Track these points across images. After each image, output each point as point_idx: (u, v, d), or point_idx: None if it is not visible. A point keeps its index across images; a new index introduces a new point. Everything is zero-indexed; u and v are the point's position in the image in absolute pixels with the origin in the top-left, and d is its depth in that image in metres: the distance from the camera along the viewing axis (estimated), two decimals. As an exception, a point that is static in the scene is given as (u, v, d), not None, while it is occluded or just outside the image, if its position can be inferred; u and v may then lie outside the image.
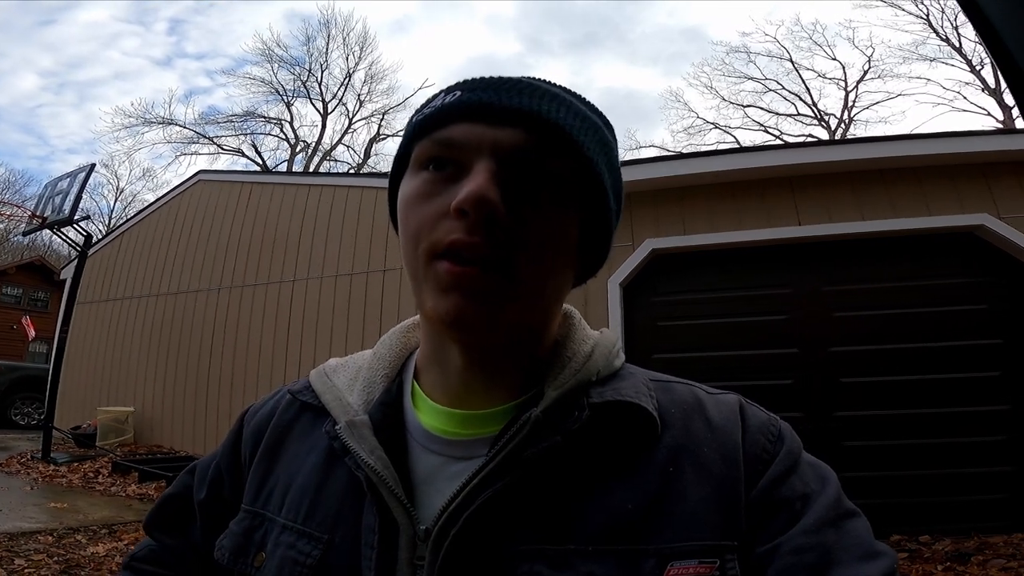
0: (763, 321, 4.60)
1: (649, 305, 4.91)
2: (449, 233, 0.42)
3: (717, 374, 4.56)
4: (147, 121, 26.12)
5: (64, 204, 7.85)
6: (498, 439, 0.44)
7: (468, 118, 0.44)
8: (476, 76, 0.48)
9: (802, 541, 0.41)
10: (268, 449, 0.54)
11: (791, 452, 0.46)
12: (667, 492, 0.43)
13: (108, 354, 8.35)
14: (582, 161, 0.45)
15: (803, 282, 4.59)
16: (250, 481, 0.53)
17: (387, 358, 0.54)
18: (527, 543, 0.42)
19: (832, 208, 4.53)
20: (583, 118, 0.47)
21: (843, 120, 22.13)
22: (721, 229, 4.74)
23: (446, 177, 0.44)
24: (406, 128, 0.50)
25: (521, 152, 0.43)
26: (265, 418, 0.56)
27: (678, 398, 0.49)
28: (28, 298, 21.73)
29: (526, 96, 0.45)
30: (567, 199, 0.45)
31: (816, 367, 4.41)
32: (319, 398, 0.53)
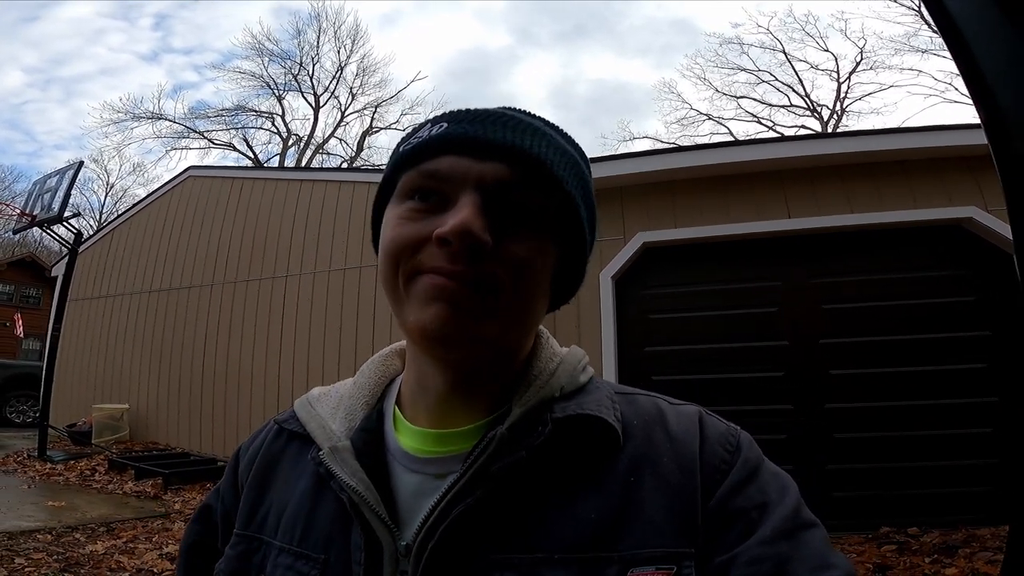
0: (754, 314, 4.64)
1: (641, 298, 4.94)
2: (431, 259, 0.43)
3: (708, 367, 4.61)
4: (136, 116, 25.83)
5: (53, 202, 7.79)
6: (468, 456, 0.46)
7: (454, 151, 0.46)
8: (461, 108, 0.50)
9: (758, 552, 0.42)
10: (258, 476, 0.56)
11: (748, 461, 0.47)
12: (628, 501, 0.45)
13: (102, 351, 8.32)
14: (561, 195, 0.48)
15: (793, 275, 4.62)
16: (242, 507, 0.55)
17: (367, 387, 0.57)
18: (497, 553, 0.44)
19: (821, 201, 4.56)
20: (563, 152, 0.49)
21: (835, 111, 22.20)
22: (712, 222, 4.76)
23: (431, 207, 0.46)
24: (392, 156, 0.52)
25: (504, 186, 0.45)
26: (255, 450, 0.59)
27: (640, 409, 0.51)
28: (20, 295, 21.57)
29: (510, 130, 0.47)
30: (546, 231, 0.47)
31: (806, 359, 4.45)
32: (304, 427, 0.55)
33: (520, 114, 0.50)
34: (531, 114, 0.52)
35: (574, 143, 0.53)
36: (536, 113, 0.52)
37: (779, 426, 4.36)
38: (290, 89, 26.65)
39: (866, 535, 3.85)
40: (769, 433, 4.33)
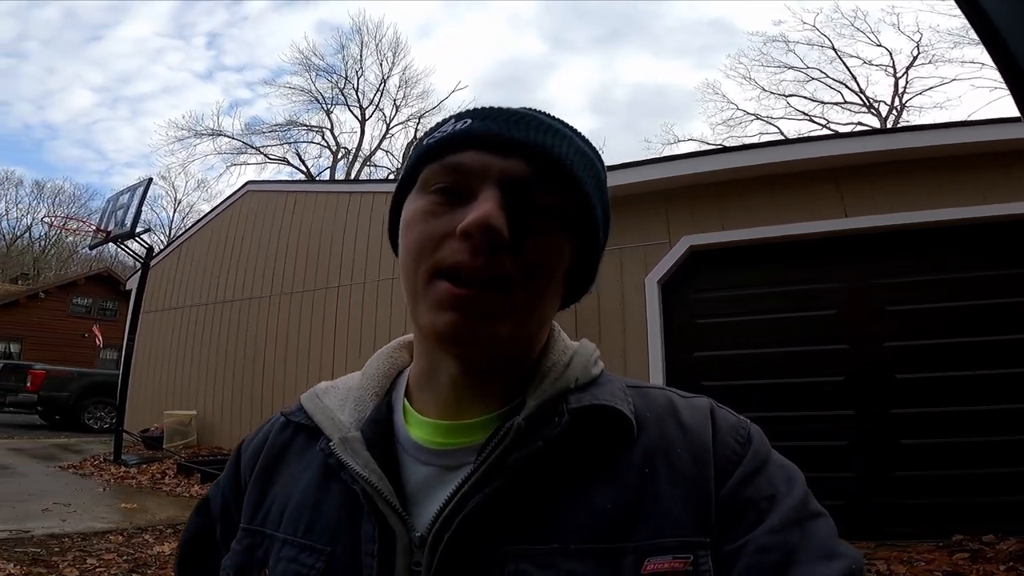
0: (810, 317, 4.46)
1: (688, 303, 4.84)
2: (453, 254, 0.44)
3: (762, 371, 4.47)
4: (198, 133, 27.29)
5: (126, 218, 8.29)
6: (484, 447, 0.46)
7: (477, 146, 0.47)
8: (486, 105, 0.51)
9: (766, 540, 0.42)
10: (263, 470, 0.56)
11: (758, 453, 0.48)
12: (643, 492, 0.45)
13: (171, 360, 8.81)
14: (578, 195, 0.49)
15: (853, 276, 4.42)
16: (247, 501, 0.55)
17: (375, 378, 0.57)
18: (514, 544, 0.44)
19: (880, 199, 4.35)
20: (581, 154, 0.50)
21: (894, 107, 21.21)
22: (762, 223, 4.62)
23: (452, 201, 0.46)
24: (414, 149, 0.52)
25: (525, 182, 0.46)
26: (259, 443, 0.59)
27: (652, 402, 0.51)
28: (98, 307, 23.10)
29: (532, 129, 0.48)
30: (563, 228, 0.48)
31: (868, 363, 4.24)
32: (311, 418, 0.55)
33: (542, 115, 0.51)
34: (552, 116, 0.53)
35: (591, 145, 0.54)
36: (556, 115, 0.53)
37: (840, 432, 4.17)
38: (337, 103, 27.54)
39: (937, 543, 3.65)
40: (829, 439, 4.16)
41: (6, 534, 3.83)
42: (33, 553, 3.47)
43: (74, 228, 11.60)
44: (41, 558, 3.42)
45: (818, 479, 3.54)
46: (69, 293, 23.01)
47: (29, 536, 3.84)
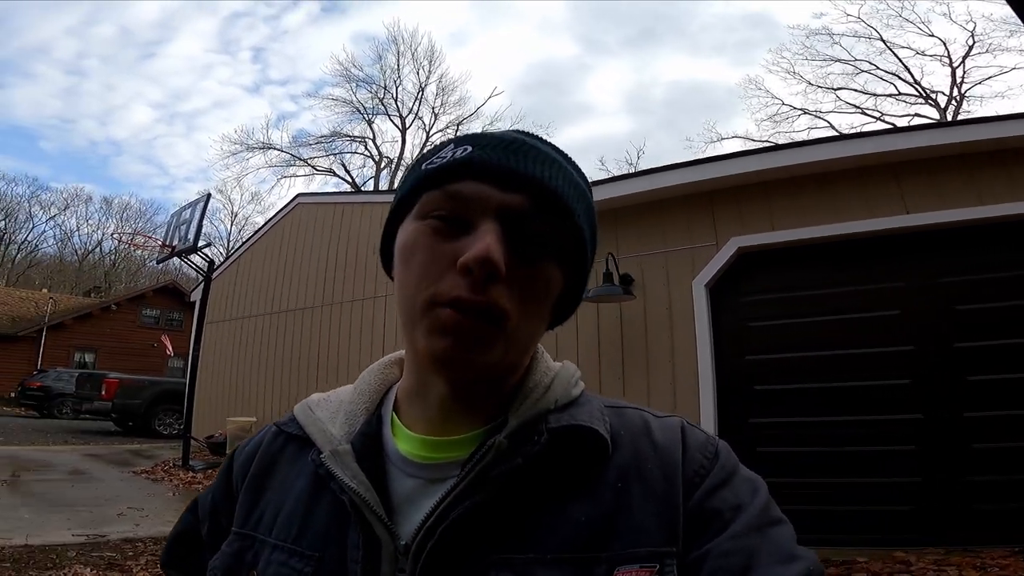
0: (871, 317, 4.27)
1: (738, 306, 4.70)
2: (453, 288, 0.45)
3: (819, 375, 4.30)
4: (249, 147, 28.42)
5: (188, 233, 8.72)
6: (467, 462, 0.48)
7: (477, 176, 0.48)
8: (482, 132, 0.53)
9: (729, 546, 0.44)
10: (256, 477, 0.58)
11: (724, 467, 0.50)
12: (616, 506, 0.47)
13: (233, 369, 9.21)
14: (572, 226, 0.50)
15: (916, 274, 4.20)
16: (239, 506, 0.58)
17: (367, 393, 0.59)
18: (494, 553, 0.46)
19: (944, 194, 4.11)
20: (574, 185, 0.52)
21: (953, 97, 20.10)
22: (815, 223, 4.44)
23: (450, 229, 0.48)
24: (411, 172, 0.54)
25: (522, 215, 0.48)
26: (252, 451, 0.61)
27: (628, 421, 0.53)
28: (165, 318, 24.42)
29: (531, 160, 0.49)
30: (556, 258, 0.50)
31: (937, 365, 4.02)
32: (303, 429, 0.57)
33: (538, 143, 0.53)
34: (546, 142, 0.54)
35: (581, 172, 0.56)
36: (548, 140, 0.55)
37: (906, 436, 3.98)
38: (378, 113, 28.12)
39: (1012, 548, 3.44)
40: (894, 444, 3.98)
41: (84, 538, 4.07)
42: (109, 557, 3.68)
43: (141, 243, 12.29)
44: (116, 562, 3.62)
45: (883, 484, 3.36)
46: (138, 305, 24.43)
47: (105, 540, 4.07)
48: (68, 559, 3.56)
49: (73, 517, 4.65)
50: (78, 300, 26.61)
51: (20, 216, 37.43)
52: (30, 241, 38.25)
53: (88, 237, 40.27)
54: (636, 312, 5.03)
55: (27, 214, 37.78)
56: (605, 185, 5.44)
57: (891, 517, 3.87)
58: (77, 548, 3.81)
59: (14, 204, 37.03)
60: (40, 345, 21.74)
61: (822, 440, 4.20)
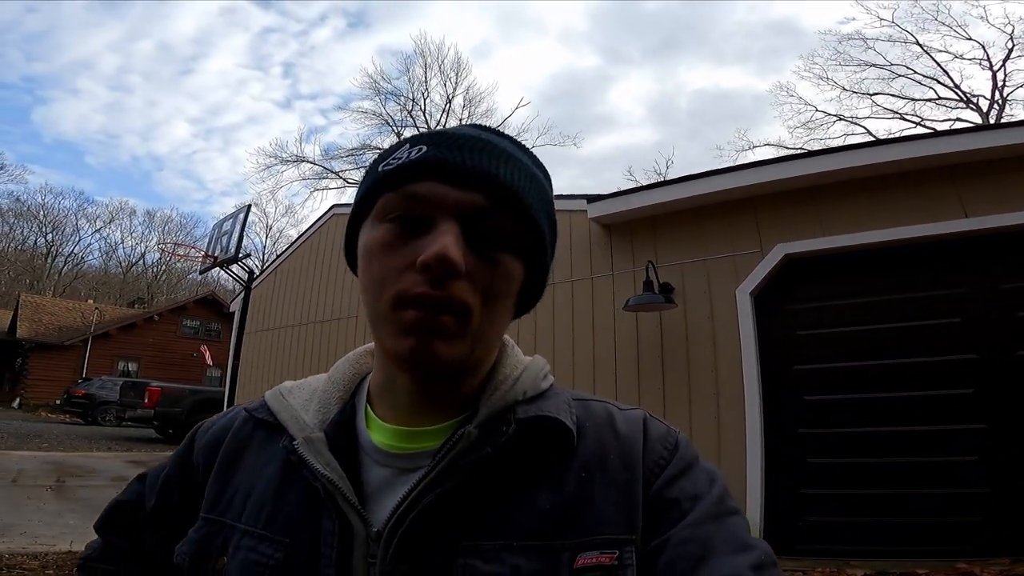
0: (930, 325, 4.09)
1: (786, 314, 4.57)
2: (414, 286, 0.46)
3: (874, 385, 4.14)
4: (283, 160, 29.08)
5: (229, 244, 8.95)
6: (438, 451, 0.49)
7: (433, 175, 0.48)
8: (437, 130, 0.54)
9: (686, 534, 0.46)
10: (225, 462, 0.58)
11: (683, 458, 0.52)
12: (580, 495, 0.49)
13: (270, 378, 9.35)
14: (529, 220, 0.51)
15: (977, 281, 4.02)
16: (208, 491, 0.57)
17: (340, 382, 0.60)
18: (464, 540, 0.47)
19: (1005, 196, 3.93)
20: (531, 178, 0.52)
21: (995, 101, 19.45)
22: (867, 227, 4.30)
23: (409, 230, 0.48)
24: (368, 174, 0.54)
25: (480, 212, 0.48)
26: (218, 433, 0.61)
27: (592, 413, 0.55)
28: (204, 329, 25.06)
29: (486, 156, 0.50)
30: (515, 252, 0.50)
31: (1002, 374, 3.83)
32: (275, 416, 0.57)
33: (494, 137, 0.53)
34: (502, 134, 0.55)
35: (539, 163, 0.56)
36: (504, 132, 0.55)
37: (970, 447, 3.79)
38: (406, 125, 28.50)
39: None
40: (957, 455, 3.81)
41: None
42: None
43: (183, 255, 12.65)
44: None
45: (944, 495, 3.19)
46: (179, 316, 25.15)
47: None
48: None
49: (119, 521, 4.73)
50: (122, 311, 27.52)
51: (67, 229, 39.11)
52: (76, 254, 39.88)
53: (132, 250, 41.82)
54: (677, 321, 4.93)
55: (74, 227, 39.46)
56: (641, 193, 5.39)
57: (955, 528, 3.69)
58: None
59: (61, 217, 38.75)
60: (85, 354, 22.51)
61: (877, 451, 4.03)
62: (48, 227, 37.98)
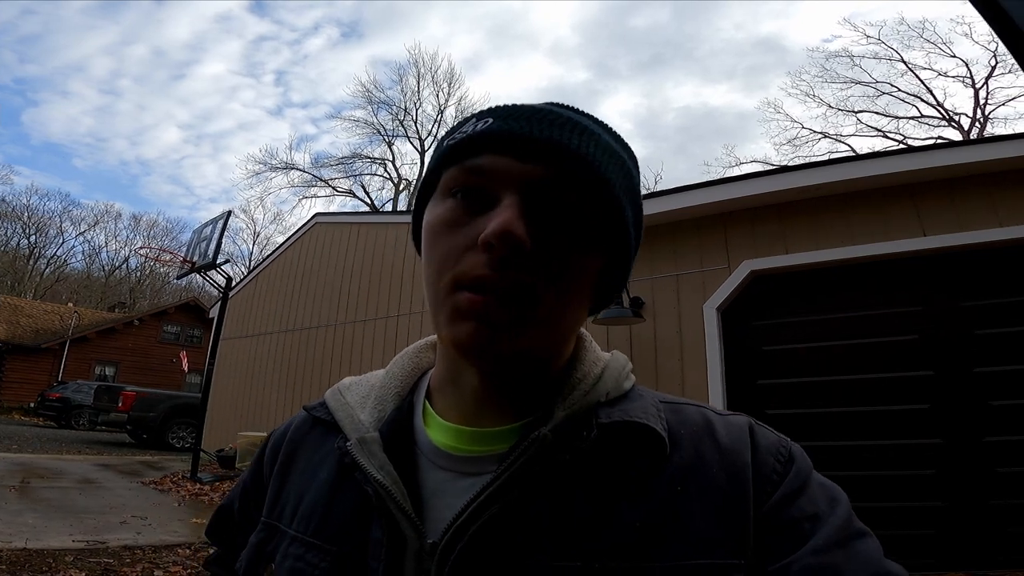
0: (889, 342, 4.17)
1: (751, 329, 4.62)
2: (475, 267, 0.42)
3: (835, 400, 4.20)
4: (272, 167, 29.02)
5: (208, 249, 8.87)
6: (507, 456, 0.44)
7: (498, 148, 0.45)
8: (507, 103, 0.49)
9: (811, 561, 0.40)
10: (283, 464, 0.56)
11: (800, 472, 0.45)
12: (674, 512, 0.43)
13: (246, 384, 9.27)
14: (606, 196, 0.46)
15: (935, 298, 4.11)
16: (269, 493, 0.55)
17: (399, 377, 0.56)
18: (533, 558, 0.41)
19: (963, 215, 4.03)
20: (610, 152, 0.47)
21: (976, 119, 19.84)
22: (829, 246, 4.38)
23: (473, 207, 0.45)
24: (435, 150, 0.50)
25: (548, 186, 0.44)
26: (281, 434, 0.59)
27: (687, 419, 0.49)
28: (185, 334, 24.78)
29: (556, 127, 0.45)
30: (589, 233, 0.45)
31: (957, 390, 3.90)
32: (332, 415, 0.54)
33: (567, 111, 0.48)
34: (578, 110, 0.49)
35: (623, 142, 0.51)
36: (585, 111, 0.50)
37: (927, 461, 3.86)
38: (397, 135, 28.57)
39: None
40: (915, 468, 3.87)
41: (83, 544, 4.07)
42: (105, 563, 3.66)
43: (167, 260, 12.54)
44: (112, 568, 3.61)
45: (904, 508, 3.26)
46: (161, 321, 24.85)
47: (104, 547, 4.06)
48: (65, 564, 3.56)
49: (76, 524, 4.67)
50: (102, 315, 27.15)
51: (51, 231, 38.62)
52: (59, 256, 39.37)
53: (115, 253, 41.35)
54: (647, 335, 4.98)
55: (58, 229, 38.98)
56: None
57: (911, 541, 3.73)
58: (75, 553, 3.81)
59: (46, 219, 38.25)
60: (63, 358, 22.15)
61: (838, 465, 4.07)
62: (32, 229, 37.50)
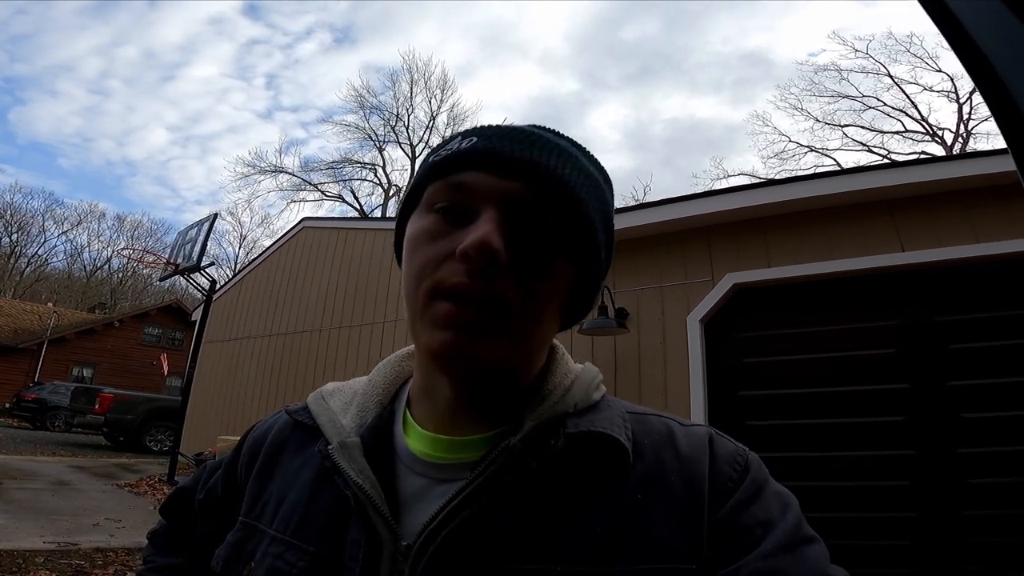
0: (866, 356, 4.22)
1: (734, 342, 4.67)
2: (452, 275, 0.44)
3: (813, 411, 4.25)
4: (261, 170, 28.81)
5: (193, 252, 8.81)
6: (479, 463, 0.46)
7: (480, 166, 0.47)
8: (491, 124, 0.51)
9: (760, 565, 0.42)
10: (264, 465, 0.57)
11: (755, 481, 0.48)
12: (635, 519, 0.45)
13: (228, 388, 9.16)
14: (579, 216, 0.48)
15: (912, 313, 4.18)
16: (247, 494, 0.57)
17: (381, 385, 0.57)
18: (501, 562, 0.43)
19: (941, 231, 4.12)
20: (586, 175, 0.49)
21: (959, 134, 20.26)
22: (810, 260, 4.45)
23: (453, 220, 0.47)
24: (420, 167, 0.52)
25: (525, 204, 0.46)
26: (261, 435, 0.60)
27: (651, 429, 0.51)
28: (167, 337, 24.44)
29: (536, 149, 0.47)
30: (562, 250, 0.47)
31: (931, 403, 3.97)
32: (314, 419, 0.56)
33: (548, 133, 0.51)
34: (559, 134, 0.52)
35: (599, 165, 0.53)
36: (564, 134, 0.53)
37: (900, 472, 3.91)
38: (388, 140, 28.53)
39: (1007, 582, 3.34)
40: (889, 479, 3.92)
41: (55, 546, 4.01)
42: (76, 565, 3.61)
43: (150, 261, 12.41)
44: (83, 570, 3.56)
45: (878, 519, 3.28)
46: (142, 323, 24.50)
47: (76, 549, 4.01)
48: (35, 564, 3.51)
49: (48, 525, 4.60)
50: (82, 315, 26.71)
51: (33, 230, 37.99)
52: (40, 255, 38.71)
53: (98, 254, 40.78)
54: (631, 346, 5.01)
55: (40, 228, 38.35)
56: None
57: (885, 552, 3.78)
58: (46, 555, 3.75)
59: (28, 218, 37.64)
60: (40, 358, 21.74)
61: (815, 475, 4.13)
62: (14, 227, 36.86)
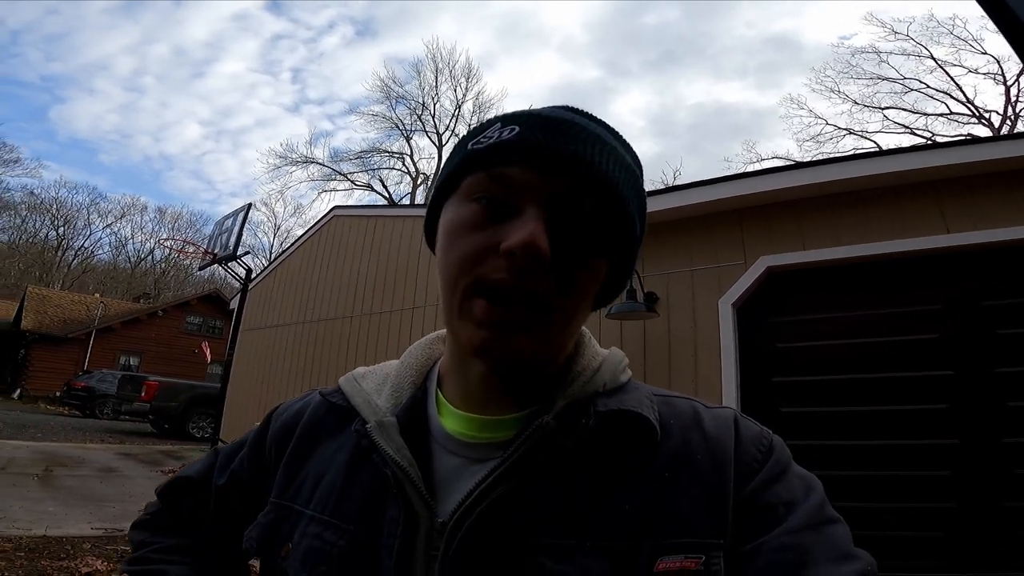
0: (908, 341, 4.08)
1: (767, 326, 4.57)
2: (495, 271, 0.44)
3: (850, 399, 4.13)
4: (292, 161, 29.30)
5: (229, 241, 9.06)
6: (512, 443, 0.47)
7: (524, 158, 0.46)
8: (531, 110, 0.51)
9: (783, 541, 0.43)
10: (298, 447, 0.58)
11: (779, 462, 0.49)
12: (663, 496, 0.46)
13: (264, 376, 9.42)
14: (621, 213, 0.49)
15: (956, 297, 4.02)
16: (279, 476, 0.57)
17: (414, 367, 0.59)
18: (533, 537, 0.45)
19: (987, 213, 3.93)
20: (624, 167, 0.49)
21: (1007, 116, 19.35)
22: (848, 243, 4.31)
23: (495, 213, 0.46)
24: (456, 150, 0.52)
25: (569, 201, 0.46)
26: (293, 417, 0.61)
27: (678, 411, 0.52)
28: (207, 325, 25.20)
29: (580, 142, 0.47)
30: (602, 248, 0.48)
31: (976, 391, 3.82)
32: (349, 400, 0.57)
33: (584, 119, 0.50)
34: (594, 118, 0.52)
35: (632, 151, 0.54)
36: (598, 117, 0.53)
37: (942, 462, 3.78)
38: (415, 130, 28.65)
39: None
40: (930, 469, 3.79)
41: (102, 532, 4.19)
42: (122, 551, 3.76)
43: (190, 251, 12.80)
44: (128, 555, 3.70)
45: (915, 509, 3.19)
46: (183, 312, 25.30)
47: (122, 535, 4.15)
48: (83, 551, 3.66)
49: (96, 512, 4.79)
50: (127, 305, 27.72)
51: (79, 224, 39.52)
52: (87, 248, 40.27)
53: (141, 245, 42.24)
54: (660, 330, 4.95)
55: (85, 222, 39.86)
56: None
57: (922, 543, 3.67)
58: (93, 541, 3.92)
59: (73, 212, 39.15)
60: (88, 347, 22.67)
61: (851, 464, 4.03)
62: (60, 221, 38.41)
